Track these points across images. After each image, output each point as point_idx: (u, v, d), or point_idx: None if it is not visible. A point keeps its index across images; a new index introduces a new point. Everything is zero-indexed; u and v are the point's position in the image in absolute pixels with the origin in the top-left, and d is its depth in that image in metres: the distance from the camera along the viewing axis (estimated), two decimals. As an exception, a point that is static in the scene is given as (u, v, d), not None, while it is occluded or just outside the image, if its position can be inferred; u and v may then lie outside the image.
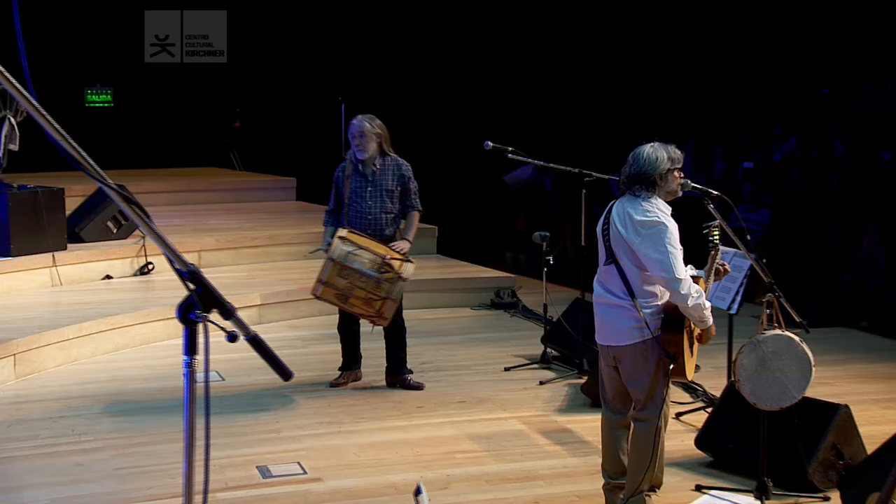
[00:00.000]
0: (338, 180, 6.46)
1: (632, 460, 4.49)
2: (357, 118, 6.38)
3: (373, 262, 6.19)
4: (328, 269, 6.18)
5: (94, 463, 5.27)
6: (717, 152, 14.00)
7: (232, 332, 2.19)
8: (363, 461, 5.30)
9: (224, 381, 6.77)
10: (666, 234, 4.22)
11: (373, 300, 6.20)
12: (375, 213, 6.37)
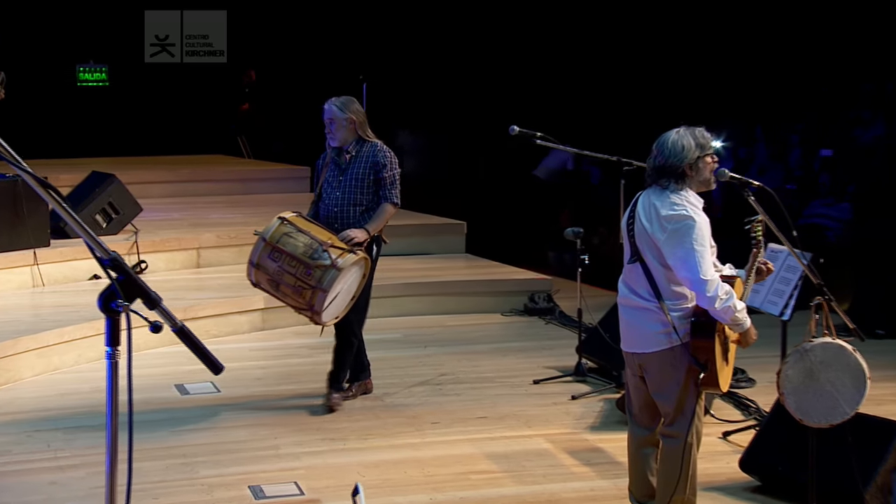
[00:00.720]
0: (318, 168, 6.66)
1: (660, 481, 4.61)
2: (329, 102, 6.49)
3: (308, 246, 6.19)
4: (258, 250, 6.27)
5: (70, 482, 5.48)
6: (794, 139, 14.04)
7: (156, 322, 2.36)
8: (367, 481, 5.46)
9: (220, 392, 6.97)
10: (693, 230, 4.34)
11: (303, 289, 6.19)
12: (343, 206, 6.47)
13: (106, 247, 2.39)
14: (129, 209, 9.65)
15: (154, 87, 15.13)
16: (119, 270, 2.38)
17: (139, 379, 7.14)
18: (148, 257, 9.28)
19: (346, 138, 6.47)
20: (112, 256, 2.36)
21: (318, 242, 6.23)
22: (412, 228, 10.68)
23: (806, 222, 12.20)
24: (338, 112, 6.45)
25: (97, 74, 15.72)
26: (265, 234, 6.26)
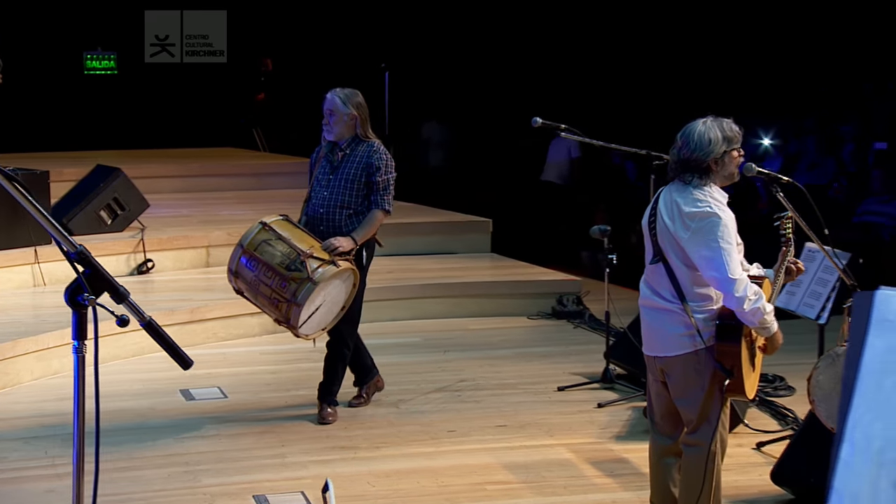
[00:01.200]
0: (311, 163, 6.66)
1: (682, 493, 4.70)
2: (332, 92, 6.48)
3: (285, 256, 6.25)
4: (235, 256, 6.37)
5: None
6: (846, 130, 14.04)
7: (122, 315, 2.48)
8: (376, 492, 5.58)
9: (227, 398, 7.11)
10: (719, 227, 4.42)
11: (279, 302, 6.25)
12: (329, 207, 6.47)
13: (72, 240, 2.53)
14: (136, 205, 9.81)
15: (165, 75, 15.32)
16: (86, 264, 2.52)
17: (143, 384, 7.38)
18: (155, 256, 9.45)
19: (343, 134, 6.45)
20: (78, 250, 2.50)
21: (296, 252, 6.24)
22: (434, 226, 10.79)
23: (859, 220, 12.21)
24: (340, 104, 6.44)
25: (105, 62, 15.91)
26: (243, 239, 6.35)
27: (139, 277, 9.30)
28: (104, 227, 9.62)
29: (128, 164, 10.51)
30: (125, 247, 9.42)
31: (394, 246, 10.40)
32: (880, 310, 2.13)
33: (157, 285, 9.19)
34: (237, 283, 6.43)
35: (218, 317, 8.45)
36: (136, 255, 9.41)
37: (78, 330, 2.58)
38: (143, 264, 9.40)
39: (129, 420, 6.71)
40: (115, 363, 7.85)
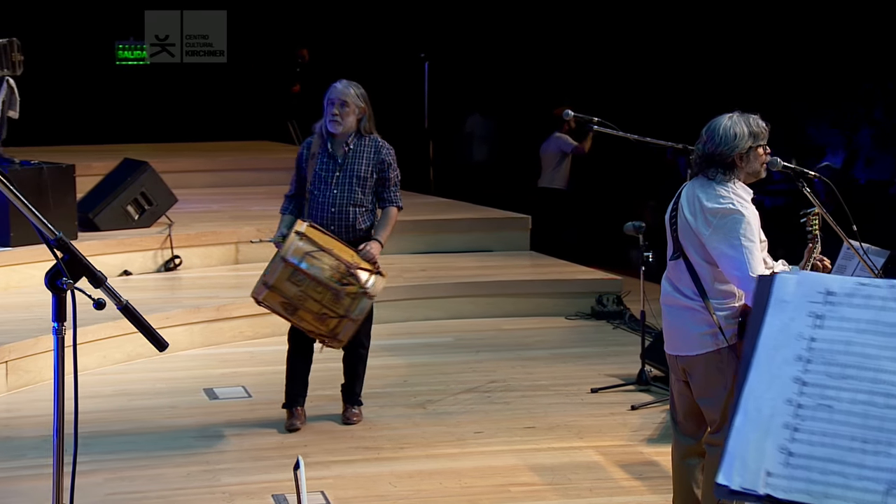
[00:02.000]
0: (301, 158, 6.67)
1: (705, 494, 4.84)
2: (342, 82, 6.55)
3: (334, 269, 6.33)
4: (277, 271, 6.34)
5: (86, 487, 5.84)
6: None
7: (99, 299, 2.68)
8: (397, 492, 5.76)
9: (251, 398, 7.32)
10: (741, 224, 4.55)
11: (328, 317, 6.36)
12: (341, 205, 6.54)
13: (52, 227, 2.74)
14: (164, 200, 10.05)
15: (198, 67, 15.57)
16: (65, 250, 2.74)
17: (168, 383, 7.62)
18: (182, 252, 9.68)
19: (350, 127, 6.52)
20: (58, 237, 2.72)
21: (344, 264, 6.36)
22: (471, 223, 10.96)
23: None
24: (354, 96, 6.51)
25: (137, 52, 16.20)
26: (285, 253, 6.34)
27: (166, 274, 9.54)
28: (131, 223, 9.85)
29: (157, 158, 10.77)
30: (152, 243, 9.66)
31: (430, 243, 10.63)
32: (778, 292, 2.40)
33: (185, 282, 9.42)
34: (268, 296, 6.42)
35: (245, 315, 8.65)
36: (163, 251, 9.64)
37: (58, 312, 2.78)
38: (171, 261, 9.64)
39: (151, 419, 6.93)
40: (140, 361, 8.08)
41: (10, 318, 7.95)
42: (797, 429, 2.40)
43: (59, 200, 9.16)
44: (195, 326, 8.47)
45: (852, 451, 2.37)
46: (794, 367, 2.38)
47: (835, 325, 2.40)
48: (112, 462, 6.21)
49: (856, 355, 2.45)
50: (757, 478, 2.43)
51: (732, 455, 2.43)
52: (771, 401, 2.38)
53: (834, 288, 2.44)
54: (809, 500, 2.38)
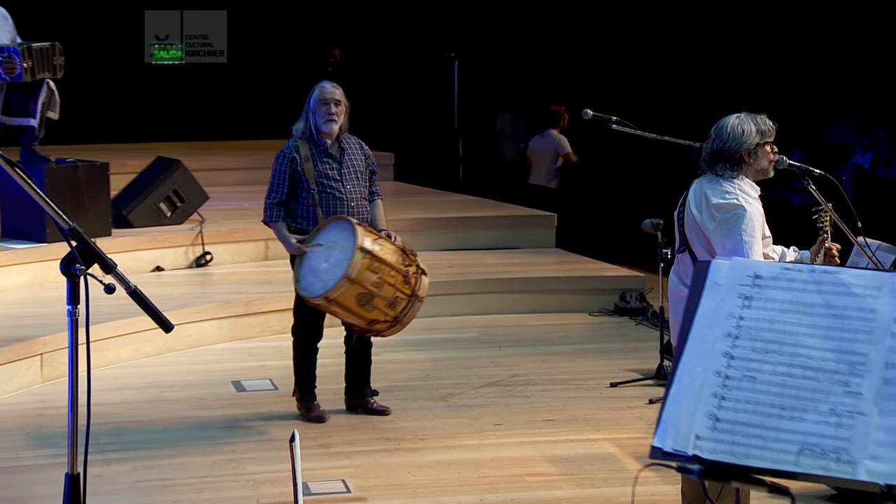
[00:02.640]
0: (295, 164, 6.75)
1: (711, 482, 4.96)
2: (330, 83, 6.77)
3: (396, 251, 6.64)
4: (357, 262, 6.47)
5: (115, 475, 6.06)
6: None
7: (109, 284, 2.87)
8: (416, 481, 5.94)
9: (277, 390, 7.51)
10: (743, 219, 4.69)
11: (399, 300, 6.59)
12: (356, 200, 6.80)
13: (66, 218, 2.94)
14: (195, 197, 10.27)
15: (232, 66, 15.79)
16: (79, 239, 2.94)
17: (196, 375, 7.82)
18: (213, 248, 9.90)
19: (341, 126, 6.77)
20: (72, 227, 2.93)
21: (399, 248, 6.68)
22: (498, 220, 11.12)
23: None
24: (342, 95, 6.76)
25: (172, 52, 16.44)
26: (362, 243, 6.48)
27: (197, 270, 9.75)
28: (164, 220, 10.07)
29: (189, 157, 10.97)
30: (184, 239, 9.87)
31: (458, 240, 10.80)
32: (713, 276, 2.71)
33: (215, 278, 9.63)
34: (347, 291, 6.51)
35: (273, 310, 8.84)
36: (194, 247, 9.86)
37: (72, 296, 2.98)
38: (202, 257, 9.85)
39: (179, 410, 7.13)
40: (171, 355, 8.30)
41: (45, 311, 8.17)
42: (724, 397, 2.73)
43: (93, 198, 9.39)
44: (224, 321, 8.67)
45: (771, 417, 2.69)
46: (723, 343, 2.72)
47: (761, 306, 2.72)
48: (141, 451, 6.41)
49: (778, 332, 2.75)
50: (687, 441, 2.81)
51: (666, 421, 2.79)
52: (702, 373, 2.70)
53: (761, 272, 2.74)
54: (732, 460, 2.77)
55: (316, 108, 6.72)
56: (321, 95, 6.72)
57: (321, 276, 6.61)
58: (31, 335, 7.61)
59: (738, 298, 2.68)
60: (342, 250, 6.56)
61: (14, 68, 8.80)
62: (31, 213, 8.99)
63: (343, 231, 6.61)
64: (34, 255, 8.96)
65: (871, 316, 2.57)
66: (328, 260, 6.62)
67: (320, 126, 6.73)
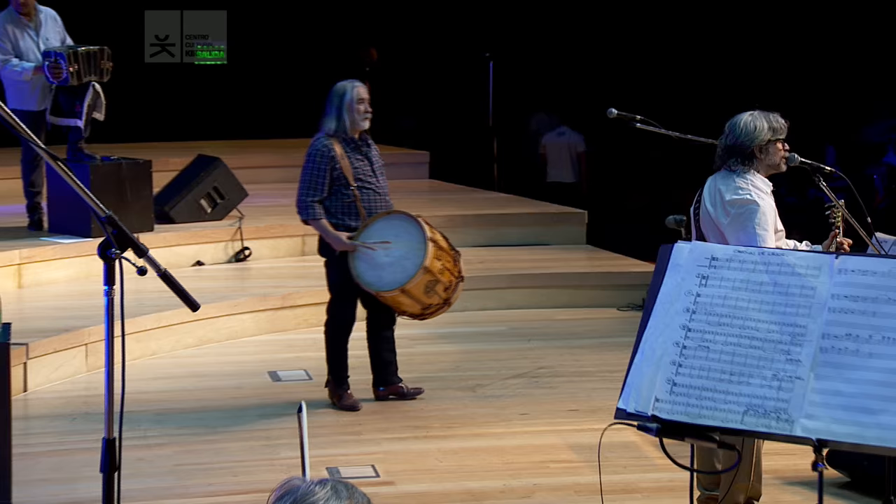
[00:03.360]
0: (333, 160, 6.94)
1: (725, 467, 5.16)
2: (354, 81, 7.05)
3: (443, 237, 7.03)
4: (429, 252, 6.83)
5: (156, 458, 6.32)
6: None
7: (142, 266, 3.11)
8: (443, 467, 6.16)
9: (312, 380, 7.74)
10: (756, 214, 4.88)
11: (453, 283, 7.00)
12: (386, 193, 7.17)
13: (102, 207, 3.18)
14: (235, 194, 10.53)
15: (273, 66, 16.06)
16: (114, 226, 3.19)
17: (234, 366, 8.07)
18: (252, 244, 10.15)
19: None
20: (108, 214, 3.17)
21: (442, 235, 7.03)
22: (530, 217, 11.30)
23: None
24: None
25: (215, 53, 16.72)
26: (431, 235, 6.91)
27: (236, 265, 10.00)
28: (204, 216, 10.33)
29: (229, 155, 11.23)
30: (224, 235, 10.13)
31: (490, 237, 11.00)
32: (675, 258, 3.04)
33: (254, 272, 9.88)
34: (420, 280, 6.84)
35: (309, 303, 9.07)
36: (234, 242, 10.12)
37: (108, 277, 3.22)
38: (241, 252, 10.10)
39: (217, 398, 7.38)
40: (210, 346, 8.55)
41: (90, 304, 8.44)
42: (681, 365, 3.19)
43: (136, 194, 9.66)
44: (262, 314, 8.92)
45: (722, 382, 3.08)
46: (682, 317, 3.11)
47: (716, 284, 3.12)
48: (181, 436, 6.67)
49: (730, 307, 3.15)
50: (648, 403, 3.21)
51: (630, 386, 3.21)
52: (663, 343, 3.09)
53: (717, 254, 3.12)
54: (686, 419, 3.13)
55: (353, 107, 6.94)
56: (359, 95, 6.96)
57: (390, 270, 6.90)
58: (76, 326, 7.87)
59: (696, 278, 3.07)
60: (405, 242, 6.89)
61: (61, 72, 9.09)
62: (77, 210, 9.26)
63: (402, 224, 6.95)
64: (80, 250, 9.22)
65: (811, 293, 2.95)
66: (391, 253, 6.89)
67: (357, 124, 6.97)
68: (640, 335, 3.30)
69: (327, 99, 7.09)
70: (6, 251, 8.89)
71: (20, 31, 9.31)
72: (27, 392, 7.35)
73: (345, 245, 6.94)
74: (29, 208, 9.74)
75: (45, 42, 9.36)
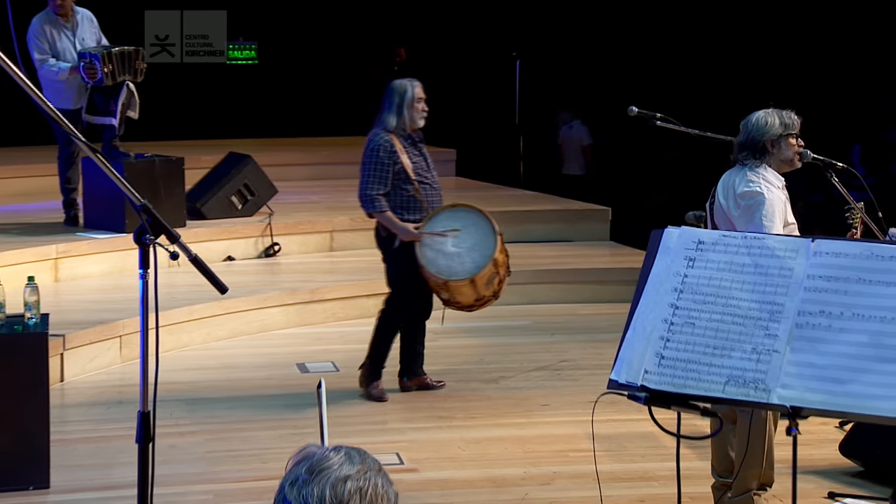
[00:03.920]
0: (395, 155, 7.07)
1: (738, 456, 5.29)
2: (413, 80, 7.23)
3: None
4: (497, 244, 7.20)
5: (188, 445, 6.49)
6: None
7: (174, 251, 3.28)
8: (466, 455, 6.31)
9: (339, 371, 7.91)
10: (763, 205, 5.01)
11: (504, 278, 7.28)
12: (440, 188, 7.36)
13: (137, 195, 3.35)
14: (265, 191, 10.71)
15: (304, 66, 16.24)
16: (148, 214, 3.37)
17: (264, 357, 8.25)
18: (281, 240, 10.33)
19: None
20: (143, 203, 3.34)
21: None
22: (554, 214, 11.44)
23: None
24: None
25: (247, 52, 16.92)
26: (498, 228, 7.22)
27: (266, 260, 10.18)
28: (235, 212, 10.52)
29: (259, 152, 11.41)
30: (254, 230, 10.32)
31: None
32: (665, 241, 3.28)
33: (283, 267, 10.06)
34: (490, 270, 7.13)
35: (337, 298, 9.26)
36: (263, 238, 10.30)
37: (143, 261, 3.40)
38: (271, 247, 10.28)
39: (247, 388, 7.56)
40: (241, 338, 8.73)
41: (124, 297, 8.63)
42: (669, 339, 3.51)
43: (169, 190, 9.85)
44: (291, 308, 9.09)
45: (706, 355, 3.39)
46: (671, 296, 3.40)
47: (702, 265, 3.42)
48: (212, 424, 6.84)
49: (714, 287, 3.44)
50: (638, 374, 3.57)
51: (622, 359, 3.53)
52: (653, 320, 3.37)
53: (704, 238, 3.40)
54: (673, 389, 3.52)
55: (414, 105, 7.14)
56: (419, 93, 7.16)
57: (458, 259, 7.15)
58: (110, 318, 8.06)
59: (684, 260, 3.34)
60: (472, 233, 7.15)
61: (96, 73, 9.30)
62: (112, 206, 9.47)
63: (468, 216, 7.21)
64: (114, 245, 9.42)
65: (788, 273, 3.23)
66: (459, 244, 7.12)
67: (416, 121, 7.16)
68: (632, 313, 3.62)
69: (385, 96, 7.24)
70: (43, 246, 9.10)
71: (57, 32, 9.52)
72: (63, 382, 7.54)
73: (413, 235, 7.10)
74: (65, 204, 9.96)
75: (81, 42, 9.57)
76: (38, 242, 9.17)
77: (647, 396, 3.68)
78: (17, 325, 5.98)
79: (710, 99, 14.67)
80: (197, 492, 5.86)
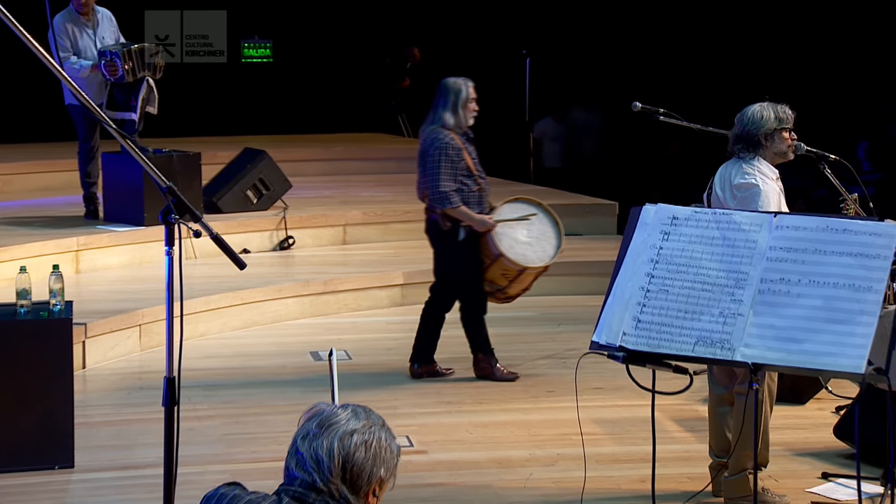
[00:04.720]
0: (460, 152, 7.35)
1: (734, 436, 5.48)
2: (466, 79, 7.43)
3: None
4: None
5: (206, 429, 6.71)
6: None
7: (196, 230, 3.49)
8: (473, 438, 6.52)
9: (351, 360, 8.11)
10: (759, 196, 5.20)
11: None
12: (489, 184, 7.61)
13: (163, 178, 3.57)
14: (279, 185, 10.92)
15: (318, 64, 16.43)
16: (173, 195, 3.58)
17: (278, 346, 8.47)
18: (295, 233, 10.54)
19: None
20: (168, 185, 3.57)
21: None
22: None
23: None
24: None
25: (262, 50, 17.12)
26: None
27: (281, 252, 10.40)
28: (250, 206, 10.73)
29: (275, 148, 11.62)
30: (269, 224, 10.53)
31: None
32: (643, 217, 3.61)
33: (297, 260, 10.27)
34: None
35: (350, 289, 9.47)
36: (278, 231, 10.51)
37: (169, 238, 3.62)
38: (285, 240, 10.50)
39: (262, 376, 7.78)
40: (256, 328, 8.95)
41: (144, 287, 8.86)
42: (645, 305, 3.83)
43: (186, 184, 10.02)
44: (305, 299, 9.30)
45: (678, 319, 3.80)
46: (647, 266, 3.81)
47: (676, 239, 3.84)
48: (228, 409, 7.06)
49: (687, 258, 3.84)
50: (617, 336, 3.90)
51: (603, 322, 3.88)
52: (631, 287, 3.78)
53: (678, 214, 3.81)
54: (648, 349, 3.91)
55: (467, 104, 7.38)
56: (472, 93, 7.40)
57: (530, 248, 7.60)
58: (130, 308, 8.28)
59: (660, 234, 3.71)
60: (538, 225, 7.65)
61: (116, 70, 9.53)
62: (131, 199, 9.70)
63: (529, 208, 7.68)
64: (133, 237, 9.65)
65: (753, 245, 3.63)
66: (528, 234, 7.58)
67: (469, 120, 7.41)
68: (613, 281, 3.94)
69: (439, 94, 7.43)
70: (64, 238, 9.33)
71: (79, 30, 9.74)
72: (85, 369, 7.76)
73: (490, 225, 7.40)
74: (85, 198, 10.18)
75: (101, 41, 9.79)
76: (59, 235, 9.39)
77: (624, 356, 4.05)
78: (43, 312, 6.20)
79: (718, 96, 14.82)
80: (214, 471, 6.06)
